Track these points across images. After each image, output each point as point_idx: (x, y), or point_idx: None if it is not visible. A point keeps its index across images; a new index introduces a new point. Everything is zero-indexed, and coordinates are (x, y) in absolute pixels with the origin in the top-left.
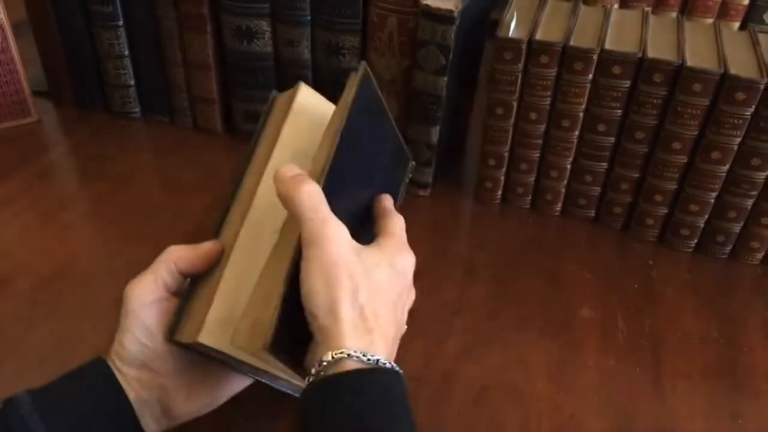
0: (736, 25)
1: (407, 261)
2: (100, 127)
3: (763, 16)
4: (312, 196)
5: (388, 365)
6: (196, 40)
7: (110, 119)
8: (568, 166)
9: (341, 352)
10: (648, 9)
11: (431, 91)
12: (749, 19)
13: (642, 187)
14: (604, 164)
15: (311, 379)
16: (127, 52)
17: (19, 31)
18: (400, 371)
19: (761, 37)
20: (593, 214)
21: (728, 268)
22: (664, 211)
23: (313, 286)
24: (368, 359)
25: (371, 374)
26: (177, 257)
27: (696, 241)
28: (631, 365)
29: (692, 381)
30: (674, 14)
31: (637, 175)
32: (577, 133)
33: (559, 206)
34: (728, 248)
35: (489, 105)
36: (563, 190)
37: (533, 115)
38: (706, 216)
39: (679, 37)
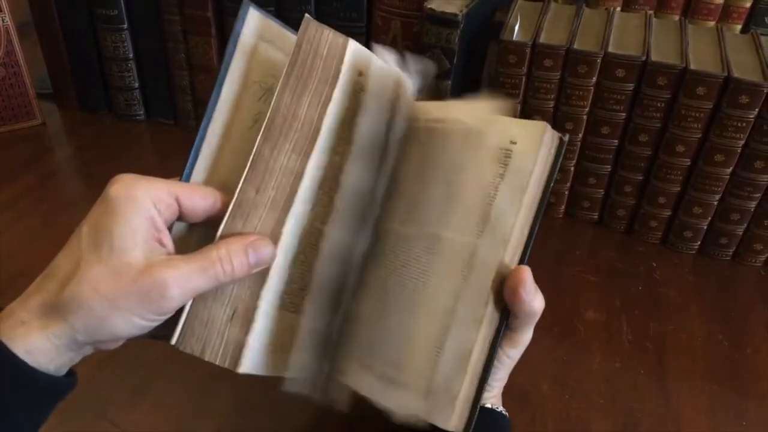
0: (738, 28)
1: None
2: (104, 130)
3: (765, 18)
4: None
5: None
6: (200, 43)
7: (114, 122)
8: (572, 169)
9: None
10: (650, 12)
11: (436, 95)
12: (751, 22)
13: (645, 189)
14: (608, 167)
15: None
16: (131, 55)
17: (24, 33)
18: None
19: (764, 40)
20: (597, 217)
21: (731, 269)
22: (667, 213)
23: (502, 386)
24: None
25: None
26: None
27: (699, 243)
28: (636, 367)
29: (697, 383)
30: (676, 17)
31: (641, 178)
32: (580, 135)
33: (562, 209)
34: (731, 250)
35: None
36: (567, 193)
37: (537, 118)
38: (710, 218)
39: (682, 41)
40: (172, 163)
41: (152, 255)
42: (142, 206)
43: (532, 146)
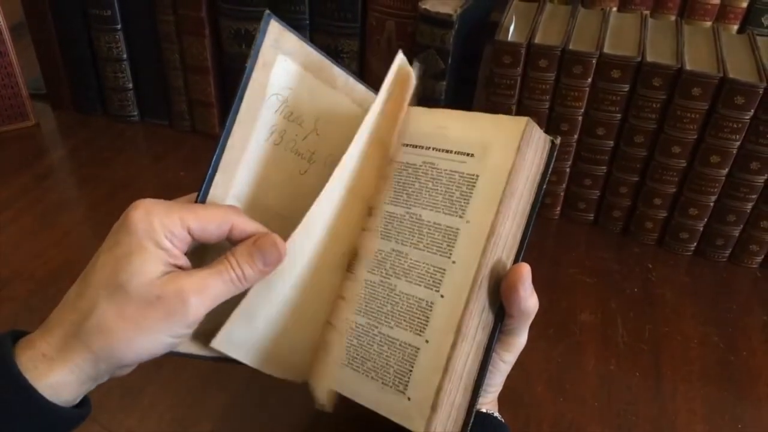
0: (735, 28)
1: None
2: (98, 131)
3: (762, 19)
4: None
5: None
6: (194, 43)
7: (108, 123)
8: (568, 170)
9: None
10: (646, 12)
11: (430, 95)
12: (748, 23)
13: (641, 190)
14: (604, 168)
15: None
16: (125, 56)
17: (17, 34)
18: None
19: (760, 40)
20: (593, 218)
21: (728, 271)
22: (663, 214)
23: (497, 392)
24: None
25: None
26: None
27: (695, 244)
28: (631, 369)
29: (692, 385)
30: (673, 17)
31: (637, 179)
32: (576, 136)
33: (558, 210)
34: (728, 252)
35: (488, 109)
36: (563, 194)
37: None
38: (706, 219)
39: (677, 41)
40: (165, 163)
41: (170, 274)
42: (160, 236)
43: (510, 142)
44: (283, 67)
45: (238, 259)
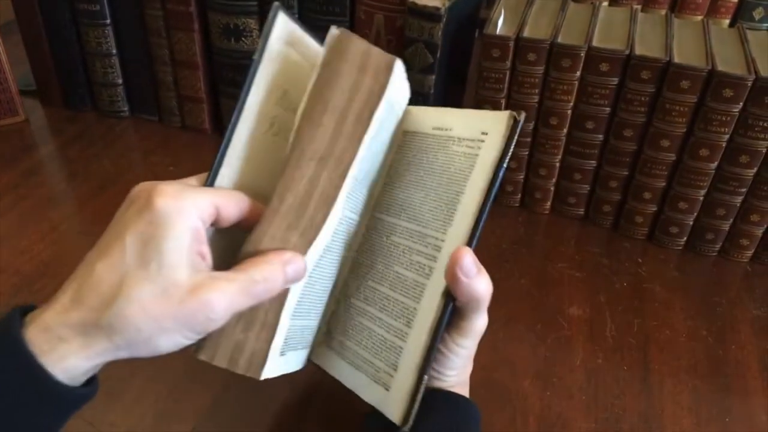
0: (726, 22)
1: None
2: (87, 127)
3: (753, 13)
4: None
5: None
6: (183, 38)
7: (98, 118)
8: (557, 164)
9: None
10: (637, 6)
11: (419, 89)
12: (739, 17)
13: (631, 184)
14: (593, 162)
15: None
16: (114, 51)
17: (6, 30)
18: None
19: (750, 33)
20: (583, 212)
21: (718, 265)
22: (653, 208)
23: (463, 374)
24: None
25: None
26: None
27: (685, 238)
28: (619, 364)
29: (680, 379)
30: (663, 11)
31: (626, 173)
32: (565, 130)
33: (548, 204)
34: (718, 246)
35: (477, 103)
36: (552, 189)
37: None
38: (695, 213)
39: (667, 34)
40: (155, 159)
41: (195, 272)
42: (189, 219)
43: (499, 137)
44: (287, 59)
45: (271, 274)
